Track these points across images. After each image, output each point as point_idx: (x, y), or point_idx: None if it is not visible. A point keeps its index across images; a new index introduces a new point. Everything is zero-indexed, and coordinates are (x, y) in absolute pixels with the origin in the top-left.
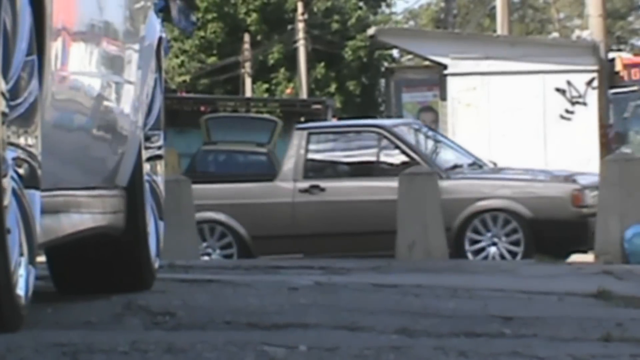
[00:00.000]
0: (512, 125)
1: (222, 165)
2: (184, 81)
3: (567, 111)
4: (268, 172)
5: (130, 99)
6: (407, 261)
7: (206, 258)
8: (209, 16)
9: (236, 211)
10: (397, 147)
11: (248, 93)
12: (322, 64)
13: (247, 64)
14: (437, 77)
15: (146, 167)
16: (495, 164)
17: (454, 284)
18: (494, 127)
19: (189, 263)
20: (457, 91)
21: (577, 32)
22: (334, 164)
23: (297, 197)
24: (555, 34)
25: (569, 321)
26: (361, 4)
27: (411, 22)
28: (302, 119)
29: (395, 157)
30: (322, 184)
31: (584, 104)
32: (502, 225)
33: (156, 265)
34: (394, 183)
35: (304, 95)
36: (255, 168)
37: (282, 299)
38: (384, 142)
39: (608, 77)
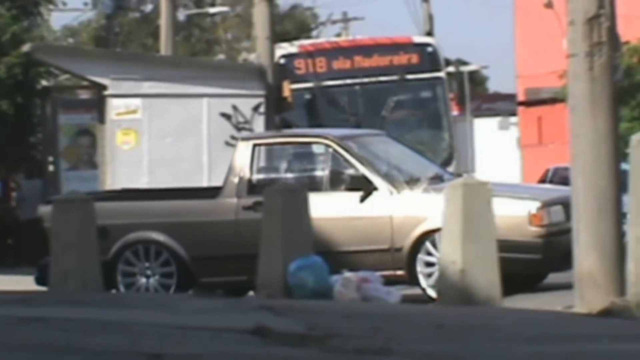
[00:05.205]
0: (174, 150)
1: None
2: None
3: (233, 137)
4: None
5: None
6: (61, 292)
7: (143, 281)
8: None
9: (176, 230)
10: (345, 160)
11: None
12: None
13: None
14: (97, 99)
15: None
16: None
17: (106, 317)
18: (155, 153)
19: None
20: (117, 114)
21: (244, 55)
22: (280, 177)
23: (241, 215)
24: (222, 56)
25: (222, 359)
26: (14, 12)
27: (71, 40)
28: None
29: (345, 171)
30: None
31: (251, 130)
32: None
33: None
34: (343, 198)
35: None
36: None
37: None
38: (333, 155)
39: (276, 102)
